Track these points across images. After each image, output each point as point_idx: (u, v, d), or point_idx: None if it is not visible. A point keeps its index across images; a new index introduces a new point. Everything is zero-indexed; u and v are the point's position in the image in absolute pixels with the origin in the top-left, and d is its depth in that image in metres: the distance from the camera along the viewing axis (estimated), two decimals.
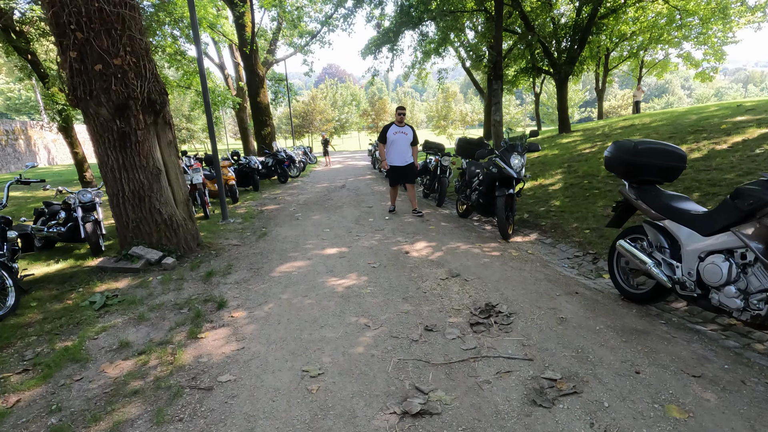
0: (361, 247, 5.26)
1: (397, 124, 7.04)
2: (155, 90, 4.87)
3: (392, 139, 6.98)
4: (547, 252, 4.82)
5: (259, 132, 18.38)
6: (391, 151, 7.06)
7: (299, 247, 5.41)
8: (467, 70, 25.28)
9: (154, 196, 4.94)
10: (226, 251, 5.47)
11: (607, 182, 6.75)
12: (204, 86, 7.24)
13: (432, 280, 3.93)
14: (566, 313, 3.11)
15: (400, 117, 7.00)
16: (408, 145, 7.01)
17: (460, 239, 5.46)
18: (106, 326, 3.39)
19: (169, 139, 5.21)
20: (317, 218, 7.41)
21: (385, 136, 7.02)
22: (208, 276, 4.44)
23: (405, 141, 6.98)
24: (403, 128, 7.02)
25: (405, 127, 7.04)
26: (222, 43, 24.15)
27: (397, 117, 7.06)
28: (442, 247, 5.07)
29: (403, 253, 4.92)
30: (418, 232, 5.94)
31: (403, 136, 6.97)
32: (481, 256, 4.64)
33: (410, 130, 7.06)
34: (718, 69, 26.33)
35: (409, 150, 7.05)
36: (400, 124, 7.03)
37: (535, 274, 4.00)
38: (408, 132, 7.02)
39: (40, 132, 25.48)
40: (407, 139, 7.00)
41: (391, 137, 6.98)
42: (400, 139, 6.96)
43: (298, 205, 9.12)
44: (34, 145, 24.76)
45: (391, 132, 6.99)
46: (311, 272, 4.35)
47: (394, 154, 7.03)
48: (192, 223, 5.52)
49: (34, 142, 24.70)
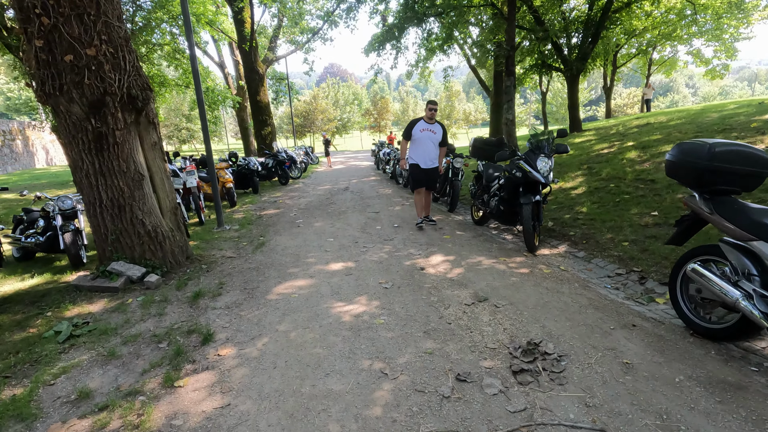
0: (369, 262, 4.67)
1: (426, 120, 6.03)
2: (136, 85, 4.29)
3: (418, 137, 6.00)
4: (582, 268, 4.23)
5: (259, 132, 17.81)
6: (415, 150, 6.12)
7: (300, 261, 4.83)
8: (472, 68, 24.65)
9: (136, 205, 4.36)
10: (219, 265, 4.90)
11: (637, 186, 6.15)
12: (197, 83, 6.67)
13: (456, 306, 3.34)
14: (630, 355, 2.51)
15: (432, 112, 5.98)
16: (436, 145, 6.04)
17: (481, 252, 4.87)
18: (68, 366, 2.81)
19: (154, 141, 4.63)
20: (320, 225, 6.82)
21: (411, 133, 6.06)
22: (195, 297, 3.86)
23: (433, 140, 6.01)
24: (433, 125, 6.01)
25: (435, 125, 6.03)
26: (222, 42, 23.63)
27: (427, 112, 6.02)
28: (462, 262, 4.47)
29: (418, 269, 4.33)
30: (432, 243, 5.35)
31: (431, 135, 5.99)
32: (509, 274, 4.04)
33: (440, 129, 6.05)
34: (729, 66, 25.71)
35: (437, 151, 6.08)
36: (430, 120, 6.02)
37: (577, 299, 3.40)
38: (437, 130, 6.02)
39: (38, 132, 24.97)
40: (436, 138, 6.01)
41: (417, 134, 6.00)
42: (428, 137, 5.99)
43: (299, 209, 8.54)
44: (32, 146, 24.22)
45: (418, 128, 6.00)
46: (314, 294, 3.76)
47: (418, 154, 6.09)
48: (180, 234, 4.94)
49: (32, 143, 24.16)
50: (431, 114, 5.98)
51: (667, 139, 8.49)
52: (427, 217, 6.48)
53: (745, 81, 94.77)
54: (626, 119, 16.75)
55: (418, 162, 6.09)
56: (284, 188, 12.47)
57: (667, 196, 5.37)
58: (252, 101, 18.04)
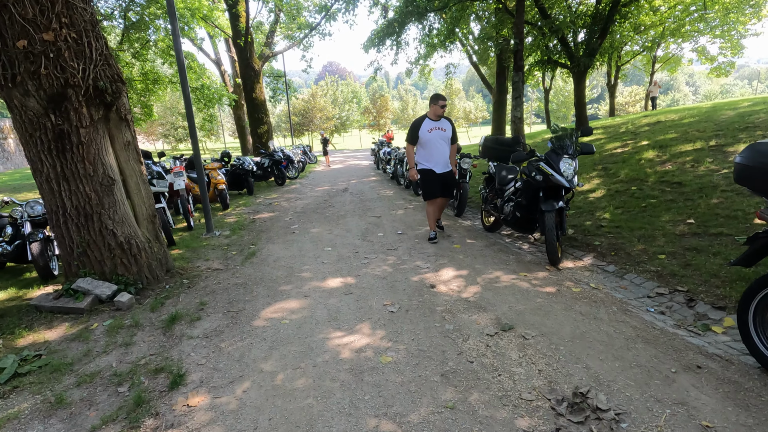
0: (371, 277, 4.13)
1: (431, 117, 5.16)
2: (105, 75, 3.75)
3: (427, 138, 5.13)
4: (615, 286, 3.69)
5: (255, 130, 17.25)
6: (426, 154, 5.22)
7: (293, 276, 4.29)
8: (474, 65, 24.12)
9: (106, 214, 3.81)
10: (203, 280, 4.35)
11: (662, 189, 5.63)
12: (182, 75, 6.12)
13: (476, 338, 2.81)
14: (707, 413, 1.98)
15: (442, 110, 5.08)
16: (448, 143, 5.23)
17: (497, 265, 4.34)
18: (3, 419, 2.27)
19: (127, 140, 4.08)
20: (317, 232, 6.28)
21: (417, 135, 5.16)
22: (170, 322, 3.32)
23: (444, 139, 5.18)
24: (440, 122, 5.14)
25: (442, 121, 5.16)
26: (218, 38, 23.05)
27: (437, 109, 5.08)
28: (477, 278, 3.94)
29: (428, 286, 3.79)
30: (442, 254, 4.81)
31: (441, 134, 5.13)
32: (533, 294, 3.51)
33: (449, 125, 5.20)
34: (734, 64, 25.23)
35: (449, 150, 5.29)
36: (437, 117, 5.15)
37: (620, 327, 2.87)
38: (447, 127, 5.16)
39: None
40: (446, 136, 5.17)
41: (425, 136, 5.12)
42: (438, 137, 5.13)
43: (295, 213, 7.99)
44: None
45: (425, 129, 5.12)
46: (307, 320, 3.21)
47: (431, 157, 5.21)
48: (159, 245, 4.39)
49: None
50: (441, 111, 5.11)
51: (685, 138, 7.97)
52: (437, 222, 5.77)
53: (746, 79, 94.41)
54: (633, 117, 16.24)
55: (431, 167, 5.23)
56: (281, 189, 11.93)
57: (701, 201, 4.85)
58: (248, 98, 17.48)
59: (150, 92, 18.90)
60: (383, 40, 18.40)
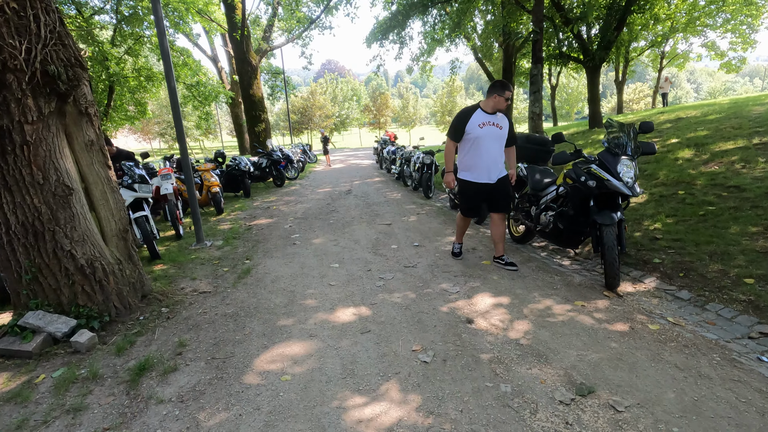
0: (390, 306, 3.37)
1: (485, 110, 3.99)
2: (58, 58, 2.98)
3: (476, 136, 3.96)
4: (698, 320, 2.94)
5: (252, 128, 16.46)
6: (472, 156, 4.07)
7: (295, 303, 3.53)
8: (479, 61, 23.31)
9: (61, 231, 3.05)
10: (186, 307, 3.60)
11: (718, 194, 4.89)
12: (167, 65, 5.36)
13: (547, 408, 2.06)
14: None
15: (507, 102, 3.95)
16: (502, 146, 4.10)
17: (542, 289, 3.58)
18: None
19: (89, 139, 3.31)
20: (320, 243, 5.53)
21: (463, 130, 4.01)
22: (138, 374, 2.57)
23: (499, 139, 4.03)
24: (497, 117, 4.01)
25: (499, 117, 4.02)
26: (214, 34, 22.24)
27: (500, 102, 3.92)
28: (523, 309, 3.19)
29: (463, 321, 3.04)
30: (470, 273, 4.06)
31: (495, 132, 3.98)
32: (602, 334, 2.76)
33: (507, 123, 4.07)
34: (745, 60, 24.54)
35: (503, 155, 4.17)
36: (493, 111, 3.99)
37: (741, 391, 2.12)
38: (504, 124, 4.02)
39: None
40: (502, 135, 4.02)
41: (474, 132, 3.96)
42: (492, 135, 3.97)
43: (295, 218, 7.24)
44: None
45: (476, 123, 3.95)
46: (316, 377, 2.45)
47: (479, 163, 4.04)
48: (133, 267, 3.63)
49: None
50: (504, 105, 3.95)
51: (721, 135, 7.24)
52: (501, 258, 4.26)
53: (747, 76, 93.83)
54: (647, 114, 15.50)
55: (473, 179, 4.10)
56: (279, 191, 11.17)
57: None
58: (244, 95, 16.69)
59: (144, 89, 18.14)
60: (386, 34, 17.63)
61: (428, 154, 8.87)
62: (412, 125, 47.92)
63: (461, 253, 4.63)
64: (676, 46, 26.86)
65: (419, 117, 49.97)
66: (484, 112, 4.00)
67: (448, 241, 5.28)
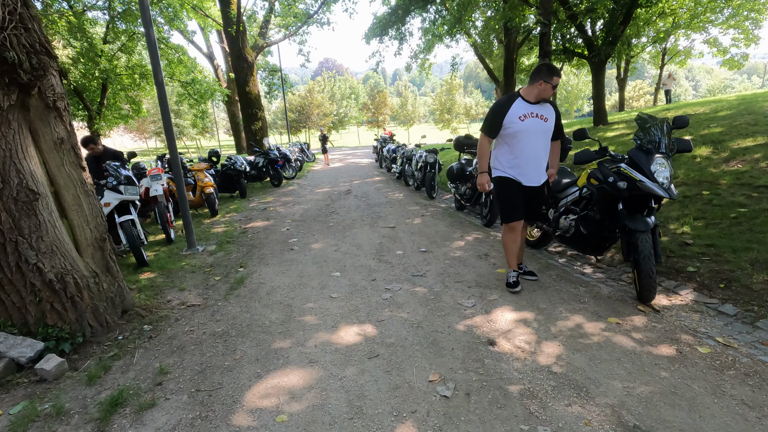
0: (400, 323, 3.01)
1: (527, 99, 3.31)
2: (20, 44, 2.59)
3: (517, 130, 3.28)
4: (751, 340, 2.59)
5: (248, 126, 16.05)
6: (513, 152, 3.38)
7: (293, 320, 3.16)
8: (480, 57, 22.95)
9: (25, 242, 2.67)
10: (171, 324, 3.23)
11: (748, 195, 4.54)
12: (153, 53, 4.97)
13: None
14: None
15: (554, 90, 3.28)
16: (548, 142, 3.43)
17: (568, 302, 3.22)
18: None
19: (59, 137, 2.93)
20: (320, 248, 5.16)
21: (500, 123, 3.31)
22: (109, 410, 2.20)
23: (545, 133, 3.36)
24: (542, 108, 3.32)
25: (545, 107, 3.34)
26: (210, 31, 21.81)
27: (546, 89, 3.23)
28: (550, 327, 2.82)
29: (484, 342, 2.67)
30: (485, 283, 3.70)
31: (540, 125, 3.30)
32: (646, 359, 2.40)
33: (554, 113, 3.40)
34: (748, 56, 24.24)
35: (548, 151, 3.47)
36: (536, 100, 3.30)
37: None
38: (550, 115, 3.36)
39: None
40: (547, 129, 3.35)
41: (514, 126, 3.27)
42: (535, 128, 3.29)
43: (293, 221, 6.86)
44: None
45: (516, 114, 3.26)
46: (318, 417, 2.08)
47: (520, 159, 3.37)
48: (111, 280, 3.25)
49: None
50: (551, 93, 3.25)
51: (737, 132, 6.90)
52: (520, 268, 3.81)
53: (744, 74, 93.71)
54: (652, 111, 15.15)
55: (516, 176, 3.41)
56: (277, 191, 10.79)
57: None
58: (240, 92, 16.28)
59: (138, 87, 17.71)
60: (386, 30, 17.25)
61: (431, 152, 8.50)
62: (410, 123, 47.53)
63: (518, 284, 3.52)
64: (677, 42, 26.57)
65: (418, 115, 49.58)
66: (526, 101, 3.29)
67: (458, 246, 4.91)
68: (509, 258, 3.60)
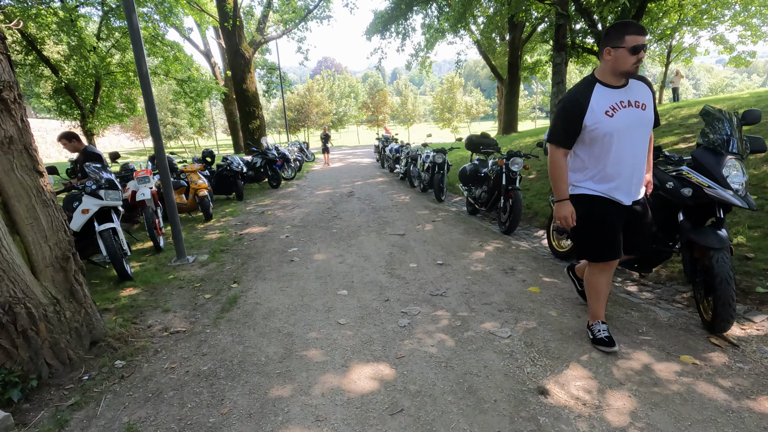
0: (424, 362, 2.48)
1: (609, 82, 2.28)
2: None
3: (606, 132, 2.25)
4: None
5: (246, 125, 15.50)
6: (604, 165, 2.32)
7: (293, 357, 2.63)
8: (483, 54, 22.47)
9: None
10: (149, 360, 2.70)
11: None
12: (136, 43, 4.44)
13: None
14: None
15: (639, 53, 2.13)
16: (648, 135, 2.37)
17: (624, 332, 2.70)
18: None
19: (7, 135, 2.38)
20: (323, 259, 4.63)
21: (581, 124, 2.27)
22: None
23: (643, 129, 2.32)
24: (633, 91, 2.29)
25: (636, 87, 2.31)
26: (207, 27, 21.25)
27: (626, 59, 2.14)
28: (611, 369, 2.30)
29: (533, 392, 2.15)
30: (518, 305, 3.18)
31: (637, 116, 2.27)
32: (749, 420, 1.87)
33: (649, 94, 2.33)
34: (755, 53, 23.78)
35: (646, 147, 2.39)
36: (622, 80, 2.28)
37: None
38: (647, 99, 2.30)
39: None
40: (647, 121, 2.31)
41: (602, 126, 2.24)
42: (633, 124, 2.26)
43: (292, 226, 6.34)
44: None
45: (601, 107, 2.24)
46: None
47: (613, 172, 2.32)
48: (77, 306, 2.71)
49: None
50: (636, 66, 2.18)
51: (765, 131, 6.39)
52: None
53: (745, 73, 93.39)
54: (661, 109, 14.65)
55: (610, 193, 2.36)
56: (275, 193, 10.27)
57: None
58: (237, 90, 15.73)
59: (133, 85, 17.15)
60: (387, 26, 16.75)
61: (440, 152, 7.99)
62: (410, 122, 46.99)
63: (612, 341, 2.49)
64: (682, 39, 26.13)
65: (418, 114, 49.00)
66: (607, 86, 2.27)
67: (477, 258, 4.39)
68: (596, 306, 2.60)
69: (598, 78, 2.32)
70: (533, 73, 24.77)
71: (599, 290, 2.55)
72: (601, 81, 2.30)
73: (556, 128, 2.39)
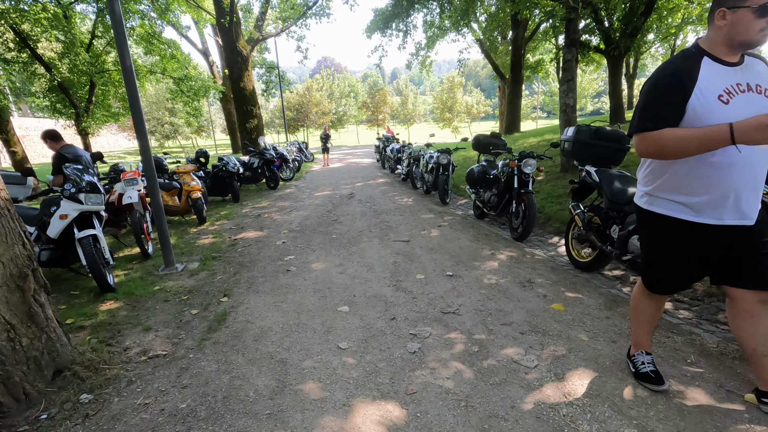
0: (440, 399, 2.12)
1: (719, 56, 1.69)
2: None
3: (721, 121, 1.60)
4: None
5: (243, 124, 15.12)
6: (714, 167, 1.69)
7: (287, 389, 2.26)
8: (485, 53, 22.10)
9: None
10: (120, 394, 2.33)
11: None
12: (119, 32, 4.08)
13: None
14: None
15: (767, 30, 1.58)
16: None
17: (670, 362, 2.34)
18: None
19: None
20: (322, 269, 4.27)
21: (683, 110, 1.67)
22: None
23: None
24: (753, 70, 1.70)
25: (755, 67, 1.71)
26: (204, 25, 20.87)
27: (743, 16, 1.58)
28: (658, 405, 1.95)
29: None
30: (542, 326, 2.82)
31: (763, 104, 1.63)
32: None
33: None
34: (761, 52, 23.43)
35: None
36: (736, 58, 1.70)
37: None
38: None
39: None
40: None
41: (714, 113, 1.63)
42: (755, 112, 1.55)
43: (290, 231, 5.98)
44: None
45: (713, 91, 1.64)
46: None
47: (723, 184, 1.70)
48: (37, 331, 2.35)
49: None
50: (752, 23, 1.57)
51: None
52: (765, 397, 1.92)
53: None
54: None
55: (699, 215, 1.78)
56: (273, 194, 9.91)
57: None
58: (235, 88, 15.35)
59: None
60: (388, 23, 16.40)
61: (444, 153, 7.63)
62: (411, 122, 46.62)
63: (660, 377, 2.10)
64: (686, 39, 25.77)
65: (418, 114, 48.62)
66: (720, 62, 1.70)
67: (490, 268, 4.03)
68: (640, 333, 2.18)
69: (706, 49, 1.71)
70: (535, 72, 24.46)
71: (648, 316, 2.13)
72: (710, 54, 1.70)
73: (644, 112, 1.73)
